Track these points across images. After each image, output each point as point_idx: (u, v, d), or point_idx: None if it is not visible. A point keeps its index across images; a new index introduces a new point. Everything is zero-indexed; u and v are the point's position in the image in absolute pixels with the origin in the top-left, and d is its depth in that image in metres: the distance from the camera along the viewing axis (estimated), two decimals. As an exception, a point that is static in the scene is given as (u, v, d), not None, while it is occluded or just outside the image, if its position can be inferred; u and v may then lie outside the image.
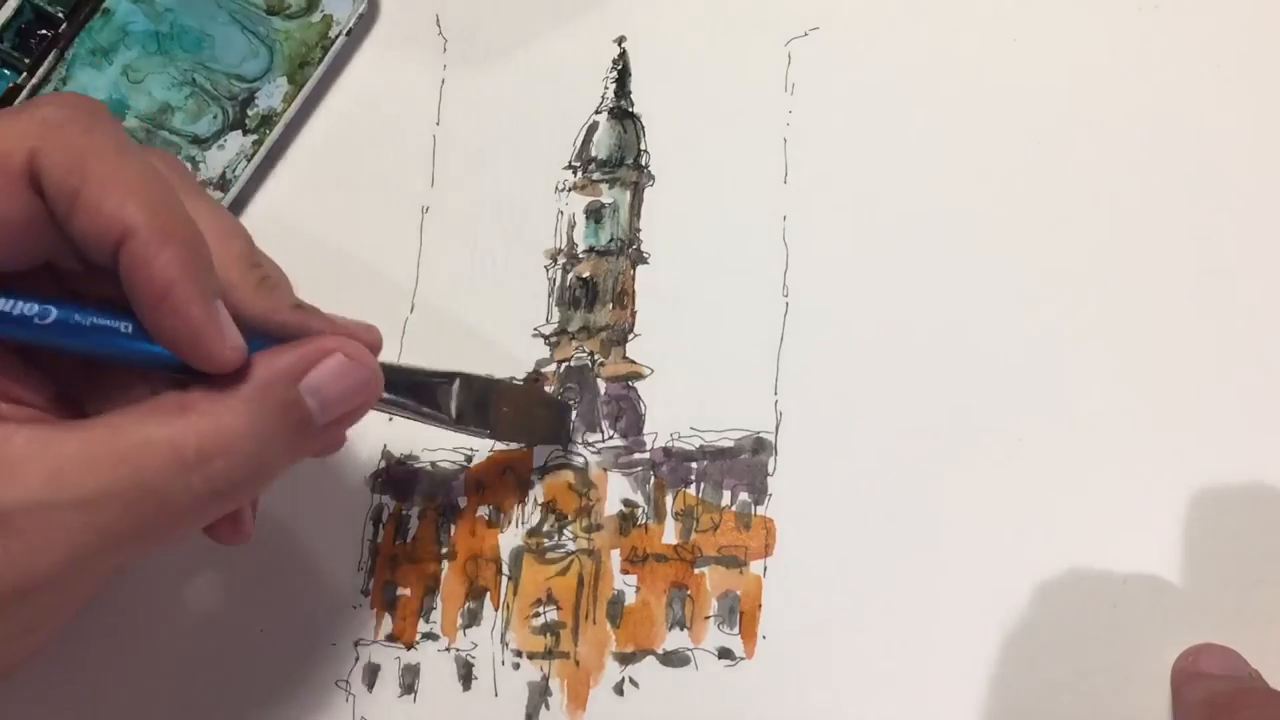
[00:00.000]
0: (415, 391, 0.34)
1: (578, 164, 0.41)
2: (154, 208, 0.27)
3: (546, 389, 0.38)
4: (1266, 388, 0.34)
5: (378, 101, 0.43)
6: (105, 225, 0.26)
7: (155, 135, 0.42)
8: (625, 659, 0.35)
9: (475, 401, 0.35)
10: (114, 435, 0.27)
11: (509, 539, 0.37)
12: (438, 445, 0.38)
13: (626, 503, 0.36)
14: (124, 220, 0.26)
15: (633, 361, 0.38)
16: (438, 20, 0.44)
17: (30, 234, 0.27)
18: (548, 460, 0.37)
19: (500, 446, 0.38)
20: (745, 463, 0.36)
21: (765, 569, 0.35)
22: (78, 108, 0.28)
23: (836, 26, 0.40)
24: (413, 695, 0.36)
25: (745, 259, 0.38)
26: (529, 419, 0.37)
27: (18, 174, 0.27)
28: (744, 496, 0.36)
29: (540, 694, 0.35)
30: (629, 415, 0.37)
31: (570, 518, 0.37)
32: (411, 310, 0.40)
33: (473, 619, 0.36)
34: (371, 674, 0.36)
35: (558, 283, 0.40)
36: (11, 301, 0.27)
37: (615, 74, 0.42)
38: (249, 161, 0.42)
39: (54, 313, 0.27)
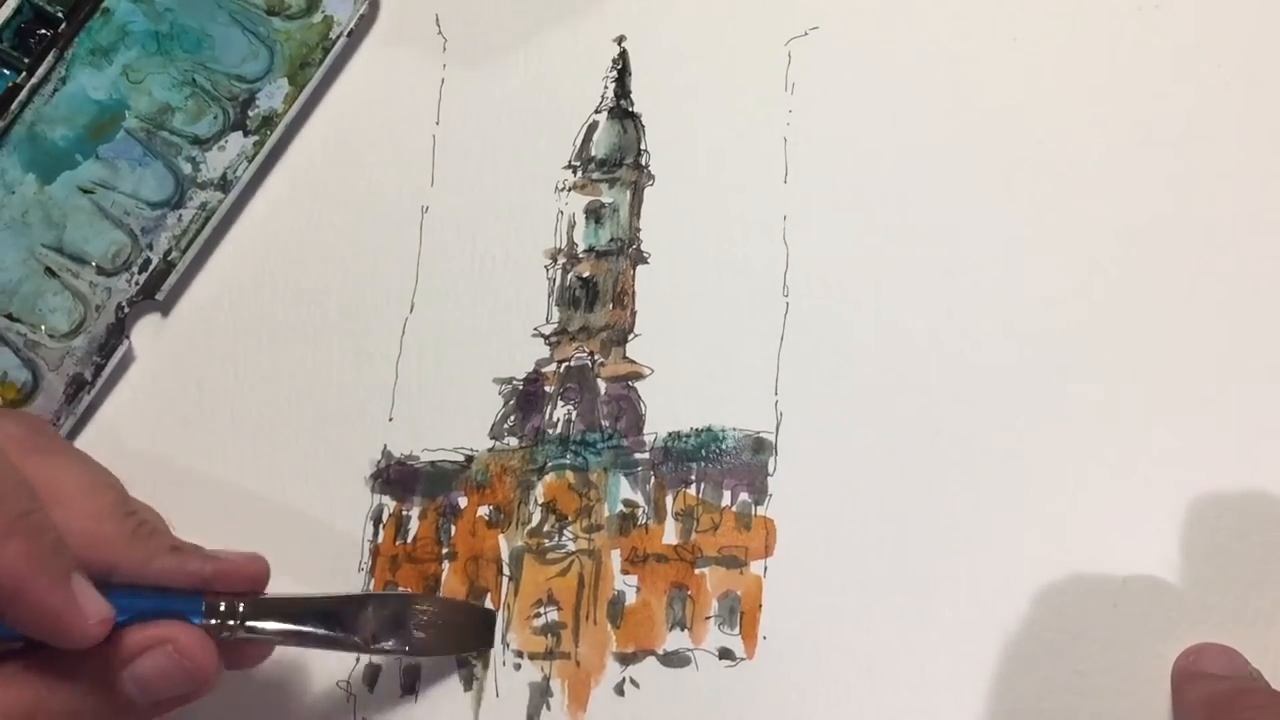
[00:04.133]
0: (325, 620, 0.32)
1: (577, 163, 0.41)
2: None
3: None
4: (1267, 389, 0.34)
5: (378, 101, 0.43)
6: None
7: (155, 136, 0.42)
8: (626, 659, 0.35)
9: (392, 621, 0.33)
10: None
11: (509, 539, 0.37)
12: (438, 445, 0.38)
13: (627, 503, 0.36)
14: None
15: (633, 361, 0.38)
16: (438, 20, 0.44)
17: None
18: (547, 460, 0.37)
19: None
20: (745, 463, 0.36)
21: (765, 569, 0.35)
22: None
23: (836, 26, 0.40)
24: (413, 696, 0.36)
25: (745, 259, 0.38)
26: (451, 630, 0.35)
27: None
28: (744, 496, 0.36)
29: (541, 694, 0.35)
30: (629, 415, 0.37)
31: (570, 518, 0.37)
32: (411, 310, 0.40)
33: (473, 619, 0.36)
34: (372, 674, 0.36)
35: (558, 283, 0.40)
36: None
37: (615, 74, 0.42)
38: (250, 163, 0.42)
39: None
